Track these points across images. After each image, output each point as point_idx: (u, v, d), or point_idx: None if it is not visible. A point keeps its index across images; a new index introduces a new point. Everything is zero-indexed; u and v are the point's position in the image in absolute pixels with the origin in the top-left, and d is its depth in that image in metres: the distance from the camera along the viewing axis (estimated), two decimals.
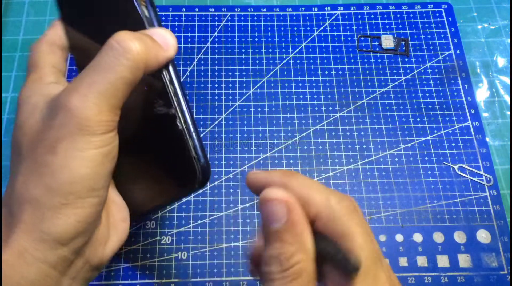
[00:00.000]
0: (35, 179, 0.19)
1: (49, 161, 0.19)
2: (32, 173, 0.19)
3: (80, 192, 0.19)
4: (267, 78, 0.40)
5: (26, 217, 0.19)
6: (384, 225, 0.34)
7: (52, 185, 0.19)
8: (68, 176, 0.19)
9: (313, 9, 0.43)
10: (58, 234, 0.19)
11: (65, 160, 0.19)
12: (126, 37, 0.19)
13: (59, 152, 0.19)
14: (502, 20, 0.43)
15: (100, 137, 0.19)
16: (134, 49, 0.19)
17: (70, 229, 0.19)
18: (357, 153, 0.36)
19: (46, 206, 0.19)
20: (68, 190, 0.19)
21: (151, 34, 0.21)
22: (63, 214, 0.19)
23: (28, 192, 0.19)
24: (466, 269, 0.32)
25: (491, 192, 0.35)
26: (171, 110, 0.21)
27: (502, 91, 0.40)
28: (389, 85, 0.39)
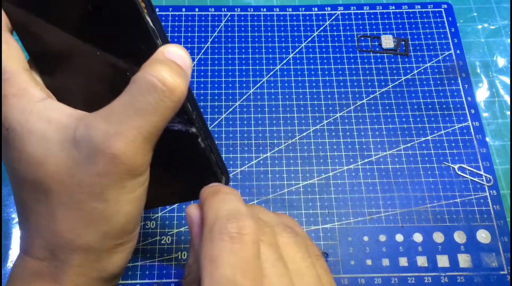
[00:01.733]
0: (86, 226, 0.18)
1: (100, 208, 0.18)
2: (80, 220, 0.18)
3: (132, 229, 0.19)
4: (267, 78, 0.40)
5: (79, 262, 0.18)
6: (384, 225, 0.34)
7: (106, 230, 0.18)
8: (123, 219, 0.19)
9: (313, 9, 0.43)
10: (114, 269, 0.19)
11: (117, 206, 0.18)
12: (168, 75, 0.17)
13: (110, 199, 0.18)
14: (502, 20, 0.43)
15: (145, 176, 0.19)
16: (179, 88, 0.18)
17: (123, 263, 0.20)
18: (357, 153, 0.36)
19: (102, 250, 0.19)
20: (123, 231, 0.19)
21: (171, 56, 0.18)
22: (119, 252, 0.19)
23: (80, 240, 0.18)
24: (466, 269, 0.32)
25: (491, 192, 0.35)
26: (192, 129, 0.21)
27: (502, 91, 0.40)
28: (389, 85, 0.39)
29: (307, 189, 0.35)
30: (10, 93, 0.18)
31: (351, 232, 0.33)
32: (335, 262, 0.32)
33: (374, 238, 0.33)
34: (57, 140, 0.18)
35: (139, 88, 0.17)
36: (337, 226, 0.34)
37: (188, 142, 0.21)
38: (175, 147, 0.22)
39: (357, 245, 0.33)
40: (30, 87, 0.19)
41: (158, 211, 0.34)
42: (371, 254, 0.33)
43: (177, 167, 0.23)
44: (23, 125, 0.18)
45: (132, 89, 0.17)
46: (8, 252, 0.32)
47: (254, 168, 0.36)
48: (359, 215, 0.34)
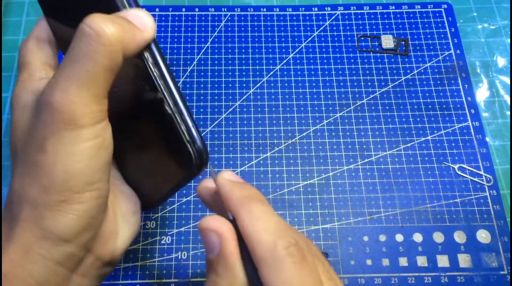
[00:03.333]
0: (30, 179, 0.19)
1: (40, 160, 0.18)
2: (26, 173, 0.19)
3: (76, 188, 0.18)
4: (267, 78, 0.40)
5: (25, 216, 0.19)
6: (384, 225, 0.34)
7: (46, 184, 0.18)
8: (61, 173, 0.18)
9: (313, 9, 0.43)
10: (59, 231, 0.18)
11: (55, 157, 0.18)
12: (98, 20, 0.18)
13: (49, 150, 0.18)
14: (502, 20, 0.43)
15: (89, 130, 0.18)
16: (108, 32, 0.17)
17: (71, 225, 0.19)
18: (357, 153, 0.36)
19: (43, 205, 0.18)
20: (64, 187, 0.18)
21: (125, 15, 0.19)
22: (62, 211, 0.18)
23: (24, 192, 0.19)
24: (466, 269, 0.32)
25: (491, 192, 0.35)
26: (158, 94, 0.20)
27: (502, 91, 0.40)
28: (389, 85, 0.39)
29: (307, 189, 0.35)
30: (22, 78, 0.22)
31: (351, 232, 0.33)
32: (335, 262, 0.32)
33: (374, 238, 0.33)
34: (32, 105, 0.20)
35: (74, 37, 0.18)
36: (337, 226, 0.34)
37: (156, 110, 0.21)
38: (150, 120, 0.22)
39: (357, 245, 0.33)
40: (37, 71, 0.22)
41: (158, 211, 0.34)
42: (371, 254, 0.33)
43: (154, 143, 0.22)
44: (16, 98, 0.21)
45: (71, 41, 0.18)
46: None
47: (254, 168, 0.36)
48: (359, 215, 0.34)
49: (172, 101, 0.20)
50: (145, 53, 0.20)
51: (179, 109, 0.21)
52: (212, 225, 0.19)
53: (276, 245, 0.17)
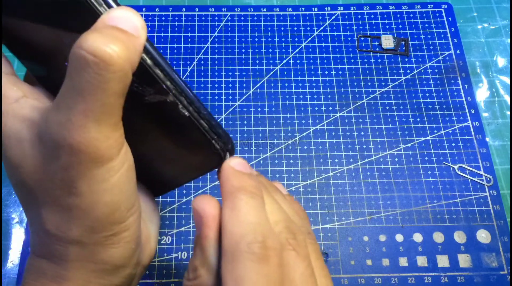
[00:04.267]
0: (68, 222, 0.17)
1: (76, 203, 0.17)
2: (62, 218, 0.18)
3: (120, 218, 0.18)
4: (267, 78, 0.40)
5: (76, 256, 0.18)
6: (384, 225, 0.34)
7: (91, 224, 0.18)
8: (104, 210, 0.17)
9: (313, 9, 0.43)
10: (115, 262, 0.19)
11: (93, 197, 0.17)
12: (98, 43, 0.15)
13: (84, 192, 0.17)
14: (502, 20, 0.43)
15: (116, 160, 0.17)
16: (114, 55, 0.15)
17: (124, 253, 0.19)
18: (357, 153, 0.36)
19: (93, 243, 0.18)
20: (109, 221, 0.18)
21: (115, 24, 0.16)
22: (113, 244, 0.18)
23: (67, 236, 0.18)
24: (466, 269, 0.32)
25: (491, 192, 0.35)
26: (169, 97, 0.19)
27: (502, 91, 0.40)
28: (389, 85, 0.39)
29: (307, 189, 0.35)
30: None
31: (351, 232, 0.33)
32: (335, 262, 0.32)
33: (374, 238, 0.33)
34: (29, 139, 0.18)
35: (73, 66, 0.15)
36: (337, 226, 0.34)
37: (170, 112, 0.19)
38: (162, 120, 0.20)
39: (357, 245, 0.33)
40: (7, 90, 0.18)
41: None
42: (371, 254, 0.33)
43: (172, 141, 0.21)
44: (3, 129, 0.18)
45: (69, 69, 0.16)
46: (8, 252, 0.32)
47: (254, 168, 0.36)
48: (359, 215, 0.34)
49: (186, 101, 0.19)
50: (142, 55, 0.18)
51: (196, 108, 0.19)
52: (199, 205, 0.19)
53: (241, 240, 0.17)
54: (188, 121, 0.19)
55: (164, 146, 0.22)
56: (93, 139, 0.16)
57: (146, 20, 0.42)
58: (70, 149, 0.16)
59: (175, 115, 0.19)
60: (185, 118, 0.19)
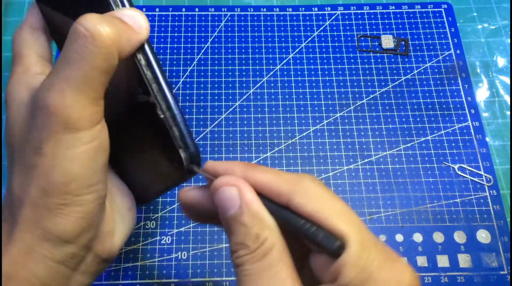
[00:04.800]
0: (29, 181, 0.18)
1: (38, 162, 0.18)
2: (25, 175, 0.19)
3: (76, 191, 0.18)
4: (267, 78, 0.40)
5: (26, 217, 0.19)
6: (384, 225, 0.34)
7: (46, 186, 0.18)
8: (61, 176, 0.18)
9: (313, 9, 0.43)
10: (60, 233, 0.19)
11: (54, 160, 0.18)
12: (93, 21, 0.17)
13: (47, 153, 0.18)
14: (502, 20, 0.43)
15: (87, 132, 0.18)
16: (104, 33, 0.17)
17: (72, 227, 0.19)
18: (357, 153, 0.36)
19: (44, 206, 0.18)
20: (64, 190, 0.18)
21: (120, 16, 0.19)
22: (62, 214, 0.18)
23: (24, 194, 0.19)
24: (466, 269, 0.32)
25: (491, 192, 0.35)
26: (151, 98, 0.20)
27: (502, 91, 0.40)
28: (389, 85, 0.39)
29: None
30: (17, 71, 0.21)
31: None
32: None
33: None
34: (26, 103, 0.20)
35: (69, 38, 0.18)
36: None
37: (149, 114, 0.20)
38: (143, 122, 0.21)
39: None
40: (33, 66, 0.21)
41: (158, 211, 0.34)
42: None
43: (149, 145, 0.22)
44: (11, 94, 0.20)
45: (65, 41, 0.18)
46: None
47: None
48: (359, 215, 0.34)
49: (165, 105, 0.20)
50: (138, 54, 0.20)
51: (172, 114, 0.20)
52: (230, 180, 0.19)
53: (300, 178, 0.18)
54: (161, 125, 0.20)
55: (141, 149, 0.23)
56: (68, 105, 0.17)
57: None
58: (46, 110, 0.18)
59: (152, 117, 0.20)
60: (160, 121, 0.20)
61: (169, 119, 0.20)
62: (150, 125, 0.21)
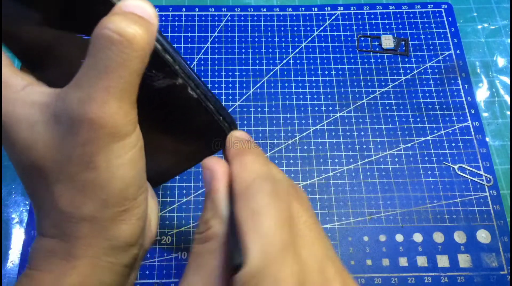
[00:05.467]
0: (83, 198, 0.18)
1: (92, 178, 0.18)
2: (76, 193, 0.18)
3: (133, 194, 0.19)
4: (267, 78, 0.40)
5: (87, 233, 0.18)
6: (384, 225, 0.34)
7: (106, 198, 0.18)
8: (119, 185, 0.18)
9: (313, 9, 0.43)
10: (126, 238, 0.19)
11: (109, 172, 0.18)
12: (123, 24, 0.16)
13: (100, 166, 0.18)
14: (502, 20, 0.43)
15: (132, 137, 0.18)
16: (138, 36, 0.17)
17: (135, 230, 0.19)
18: (357, 153, 0.36)
19: (105, 218, 0.18)
20: (123, 197, 0.19)
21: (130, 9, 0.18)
22: (125, 220, 0.19)
23: (80, 211, 0.18)
24: (466, 269, 0.32)
25: (491, 192, 0.35)
26: (178, 80, 0.20)
27: (502, 91, 0.40)
28: (389, 85, 0.39)
29: (307, 189, 0.35)
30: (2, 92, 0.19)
31: (351, 232, 0.33)
32: None
33: (374, 238, 0.33)
34: (42, 121, 0.18)
35: (98, 45, 0.17)
36: (337, 226, 0.34)
37: (178, 95, 0.20)
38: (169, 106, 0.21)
39: (357, 245, 0.33)
40: (12, 79, 0.19)
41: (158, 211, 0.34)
42: (371, 254, 0.33)
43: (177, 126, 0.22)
44: (11, 115, 0.19)
45: (92, 49, 0.17)
46: (8, 252, 0.32)
47: None
48: (359, 215, 0.34)
49: (194, 84, 0.20)
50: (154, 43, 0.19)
51: (203, 91, 0.21)
52: (209, 163, 0.20)
53: (252, 181, 0.18)
54: (196, 103, 0.21)
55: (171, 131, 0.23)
56: (114, 114, 0.17)
57: None
58: (91, 124, 0.17)
59: (183, 98, 0.20)
60: (193, 100, 0.20)
61: (201, 96, 0.20)
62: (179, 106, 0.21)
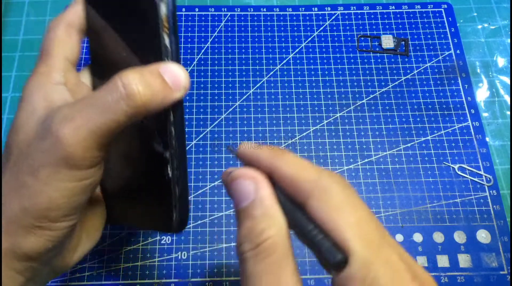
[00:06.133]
0: (13, 197, 0.19)
1: (29, 183, 0.19)
2: (12, 190, 0.19)
3: (54, 218, 0.19)
4: (267, 78, 0.40)
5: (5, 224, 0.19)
6: (384, 225, 0.34)
7: (28, 207, 0.19)
8: (45, 202, 0.19)
9: (313, 9, 0.43)
10: (28, 250, 0.19)
11: (44, 187, 0.18)
12: (133, 81, 0.18)
13: (41, 178, 0.18)
14: (502, 20, 0.43)
15: (83, 172, 0.19)
16: (137, 95, 0.18)
17: (39, 248, 0.19)
18: (357, 153, 0.36)
19: (19, 224, 0.19)
20: (42, 214, 0.19)
21: (162, 71, 0.19)
22: (34, 234, 0.19)
23: (6, 207, 0.19)
24: (466, 269, 0.32)
25: (491, 192, 0.35)
26: (165, 153, 0.21)
27: (502, 91, 0.40)
28: (389, 85, 0.39)
29: None
30: (39, 71, 0.21)
31: None
32: None
33: None
34: (40, 115, 0.20)
35: (106, 86, 0.18)
36: None
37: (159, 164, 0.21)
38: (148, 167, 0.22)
39: None
40: (55, 71, 0.21)
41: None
42: None
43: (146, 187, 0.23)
44: (28, 96, 0.21)
45: (102, 87, 0.19)
46: None
47: None
48: None
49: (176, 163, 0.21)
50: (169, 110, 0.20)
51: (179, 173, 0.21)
52: (248, 173, 0.19)
53: (320, 177, 0.18)
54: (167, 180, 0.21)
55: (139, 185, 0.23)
56: (77, 143, 0.18)
57: None
58: (56, 140, 0.18)
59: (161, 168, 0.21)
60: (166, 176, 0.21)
61: (174, 178, 0.21)
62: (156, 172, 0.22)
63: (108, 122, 0.18)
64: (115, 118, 0.18)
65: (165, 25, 0.20)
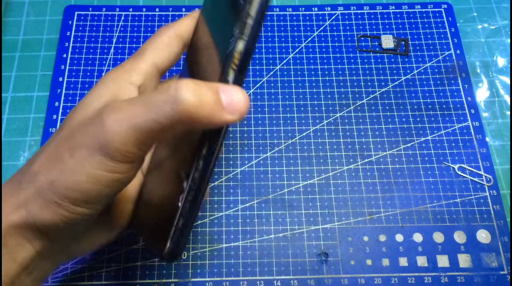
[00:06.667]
0: (48, 168, 0.20)
1: (65, 159, 0.19)
2: (49, 160, 0.20)
3: (74, 200, 0.19)
4: (267, 78, 0.40)
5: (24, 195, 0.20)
6: (384, 225, 0.34)
7: (54, 181, 0.19)
8: (70, 182, 0.19)
9: (313, 9, 0.43)
10: (38, 222, 0.20)
11: (75, 166, 0.19)
12: (186, 87, 0.18)
13: (76, 157, 0.19)
14: (502, 20, 0.43)
15: (114, 164, 0.19)
16: (184, 101, 0.18)
17: (50, 224, 0.20)
18: (357, 153, 0.36)
19: (41, 194, 0.19)
20: (64, 193, 0.19)
21: (221, 89, 0.19)
22: (51, 210, 0.19)
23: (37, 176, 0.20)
24: (466, 269, 0.32)
25: (491, 192, 0.35)
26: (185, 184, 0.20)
27: (502, 91, 0.40)
28: (389, 85, 0.39)
29: (307, 189, 0.35)
30: (124, 66, 0.23)
31: (351, 232, 0.33)
32: (335, 262, 0.32)
33: (374, 238, 0.33)
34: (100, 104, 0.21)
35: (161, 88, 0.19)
36: (337, 226, 0.34)
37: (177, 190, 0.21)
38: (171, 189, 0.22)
39: (357, 245, 0.33)
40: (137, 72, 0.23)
41: None
42: (371, 254, 0.33)
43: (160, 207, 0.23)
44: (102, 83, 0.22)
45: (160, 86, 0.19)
46: None
47: (254, 168, 0.36)
48: (359, 215, 0.34)
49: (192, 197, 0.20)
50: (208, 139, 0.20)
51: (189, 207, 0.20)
52: None
53: None
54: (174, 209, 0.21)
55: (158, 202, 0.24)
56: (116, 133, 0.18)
57: (146, 20, 0.42)
58: (101, 125, 0.19)
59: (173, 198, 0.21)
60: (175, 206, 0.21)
61: (182, 210, 0.20)
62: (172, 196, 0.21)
63: (150, 122, 0.18)
64: (157, 119, 0.18)
65: (234, 61, 0.19)
